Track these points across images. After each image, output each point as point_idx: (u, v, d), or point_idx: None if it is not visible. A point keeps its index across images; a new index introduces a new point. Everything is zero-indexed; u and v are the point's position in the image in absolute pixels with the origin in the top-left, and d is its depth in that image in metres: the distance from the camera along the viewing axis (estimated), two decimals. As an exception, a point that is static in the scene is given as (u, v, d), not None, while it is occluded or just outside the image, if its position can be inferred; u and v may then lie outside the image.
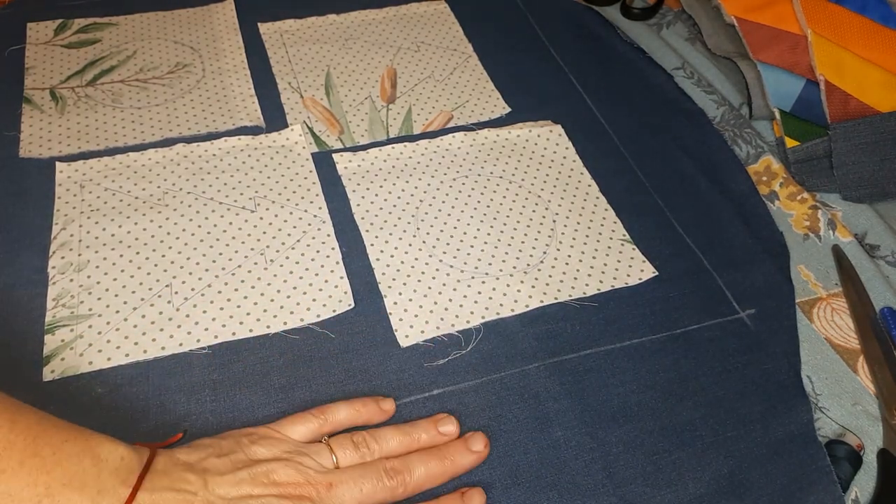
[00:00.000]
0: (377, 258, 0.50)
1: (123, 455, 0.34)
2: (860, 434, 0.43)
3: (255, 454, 0.37)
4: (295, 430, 0.39)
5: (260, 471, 0.36)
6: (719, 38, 0.67)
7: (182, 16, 0.69)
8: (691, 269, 0.51)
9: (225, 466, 0.36)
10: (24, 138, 0.56)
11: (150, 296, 0.47)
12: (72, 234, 0.50)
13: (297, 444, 0.39)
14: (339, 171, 0.56)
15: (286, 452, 0.38)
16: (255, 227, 0.51)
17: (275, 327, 0.46)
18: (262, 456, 0.37)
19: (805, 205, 0.56)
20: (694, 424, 0.43)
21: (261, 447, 0.38)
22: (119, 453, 0.34)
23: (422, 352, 0.46)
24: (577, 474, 0.41)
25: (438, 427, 0.41)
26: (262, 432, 0.39)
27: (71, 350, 0.44)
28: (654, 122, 0.62)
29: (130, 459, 0.34)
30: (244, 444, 0.37)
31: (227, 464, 0.36)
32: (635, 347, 0.47)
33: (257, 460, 0.37)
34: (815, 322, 0.49)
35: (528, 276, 0.50)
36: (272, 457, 0.37)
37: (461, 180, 0.56)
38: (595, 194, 0.56)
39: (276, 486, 0.36)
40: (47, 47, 0.64)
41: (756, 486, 0.41)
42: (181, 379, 0.43)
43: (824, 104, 0.59)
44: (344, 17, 0.70)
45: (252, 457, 0.37)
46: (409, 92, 0.63)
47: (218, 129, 0.58)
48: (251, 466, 0.36)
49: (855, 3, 0.63)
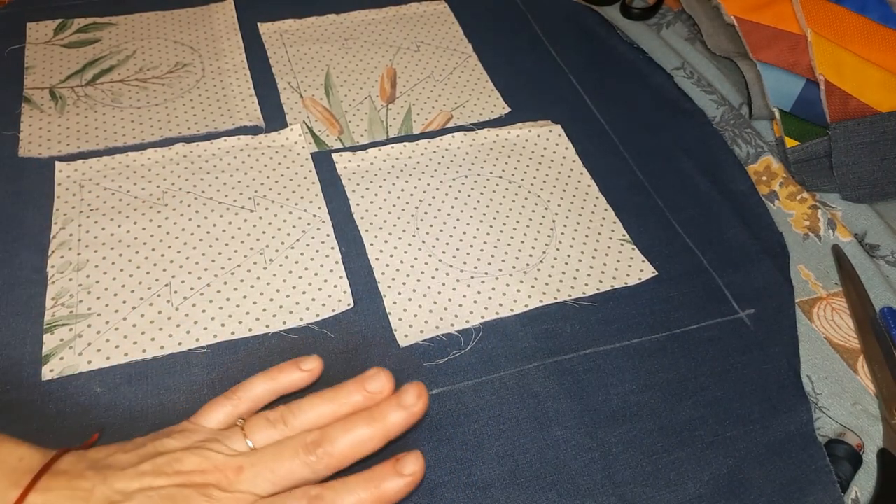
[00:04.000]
0: (376, 258, 0.50)
1: (23, 455, 0.33)
2: (860, 434, 0.43)
3: (164, 446, 0.35)
4: (210, 418, 0.37)
5: (162, 461, 0.34)
6: (719, 38, 0.67)
7: (182, 16, 0.69)
8: (691, 269, 0.51)
9: (128, 461, 0.34)
10: (23, 138, 0.56)
11: (150, 295, 0.47)
12: (71, 233, 0.50)
13: (211, 432, 0.36)
14: (339, 170, 0.56)
15: (196, 442, 0.35)
16: (255, 226, 0.51)
17: (274, 327, 0.46)
18: (169, 447, 0.35)
19: (805, 204, 0.56)
20: (693, 424, 0.43)
21: (172, 439, 0.35)
22: (18, 454, 0.33)
23: (421, 351, 0.46)
24: (576, 474, 0.41)
25: (366, 386, 0.36)
26: (179, 426, 0.37)
27: (70, 349, 0.44)
28: (654, 122, 0.62)
29: (31, 460, 0.33)
30: (157, 439, 0.36)
31: (133, 458, 0.34)
32: (635, 347, 0.47)
33: (163, 452, 0.35)
34: (815, 322, 0.49)
35: (527, 276, 0.50)
36: (180, 447, 0.35)
37: (461, 180, 0.56)
38: (595, 194, 0.56)
39: (180, 475, 0.34)
40: (47, 47, 0.64)
41: (756, 485, 0.41)
42: (180, 378, 0.43)
43: (824, 104, 0.59)
44: (344, 16, 0.70)
45: (160, 449, 0.35)
46: (408, 92, 0.63)
47: (217, 128, 0.58)
48: (156, 458, 0.34)
49: (855, 3, 0.63)
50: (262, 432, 0.36)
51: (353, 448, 0.35)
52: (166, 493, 0.33)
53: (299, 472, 0.34)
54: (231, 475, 0.34)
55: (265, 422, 0.36)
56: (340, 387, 0.37)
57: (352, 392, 0.37)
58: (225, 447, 0.35)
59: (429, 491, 0.39)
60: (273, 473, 0.34)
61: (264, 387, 0.38)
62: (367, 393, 0.37)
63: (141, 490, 0.33)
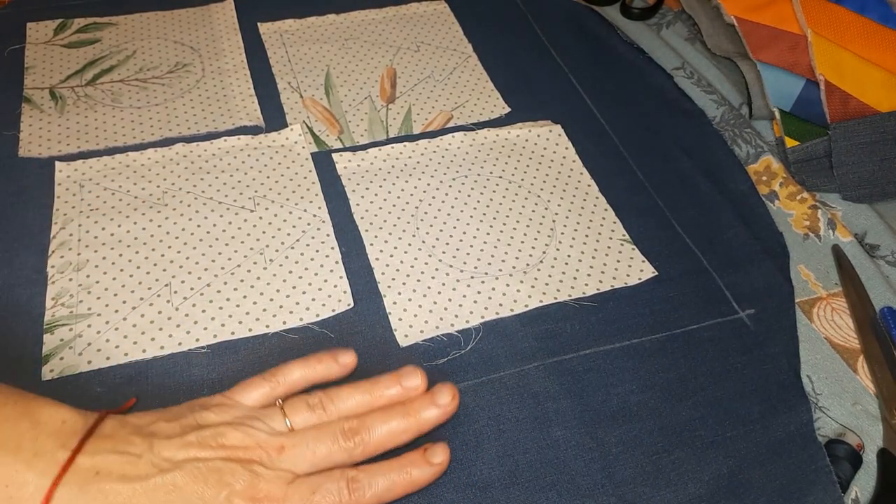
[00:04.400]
0: (376, 258, 0.50)
1: (66, 418, 0.34)
2: (860, 434, 0.43)
3: (204, 419, 0.36)
4: (247, 396, 0.38)
5: (207, 434, 0.35)
6: (719, 38, 0.67)
7: (182, 16, 0.69)
8: (691, 269, 0.51)
9: (173, 430, 0.35)
10: (23, 138, 0.56)
11: (150, 295, 0.47)
12: (71, 233, 0.50)
13: (250, 409, 0.38)
14: (339, 170, 0.56)
15: (237, 417, 0.37)
16: (255, 226, 0.51)
17: (274, 327, 0.46)
18: (211, 421, 0.36)
19: (805, 204, 0.56)
20: (693, 424, 0.43)
21: (211, 413, 0.37)
22: (61, 416, 0.34)
23: (421, 351, 0.46)
24: (576, 474, 0.41)
25: (402, 382, 0.39)
26: (216, 400, 0.38)
27: (70, 349, 0.44)
28: (654, 122, 0.62)
29: (74, 423, 0.34)
30: (195, 410, 0.37)
31: (176, 427, 0.36)
32: (635, 347, 0.47)
33: (206, 424, 0.36)
34: (815, 322, 0.49)
35: (527, 276, 0.50)
36: (222, 421, 0.36)
37: (461, 180, 0.56)
38: (595, 194, 0.56)
39: (224, 448, 0.35)
40: (47, 47, 0.64)
41: (755, 485, 0.41)
42: (180, 378, 0.43)
43: (824, 104, 0.59)
44: (344, 16, 0.70)
45: (201, 422, 0.36)
46: (408, 92, 0.63)
47: (217, 128, 0.58)
48: (200, 430, 0.36)
49: (855, 3, 0.63)
50: (300, 414, 0.37)
51: (388, 438, 0.37)
52: (213, 466, 0.34)
53: (337, 455, 0.36)
54: (273, 453, 0.35)
55: (305, 405, 0.38)
56: (377, 379, 0.39)
57: (389, 385, 0.39)
58: (265, 426, 0.37)
59: (428, 491, 0.39)
60: (313, 454, 0.36)
61: (301, 373, 0.40)
62: (403, 388, 0.39)
63: (187, 460, 0.34)
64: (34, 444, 0.32)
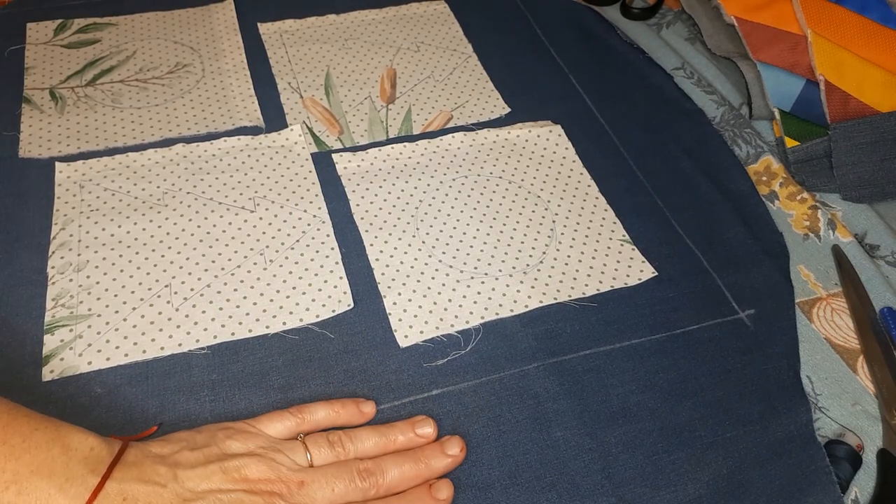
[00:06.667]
0: (376, 258, 0.50)
1: (94, 445, 0.35)
2: (860, 434, 0.43)
3: (228, 448, 0.37)
4: (272, 427, 0.39)
5: (231, 465, 0.36)
6: (719, 38, 0.67)
7: (182, 16, 0.69)
8: (691, 269, 0.51)
9: (196, 460, 0.36)
10: (23, 138, 0.56)
11: (150, 296, 0.47)
12: (71, 234, 0.50)
13: (273, 441, 0.39)
14: (339, 171, 0.56)
15: (260, 448, 0.38)
16: (255, 227, 0.51)
17: (274, 327, 0.46)
18: (235, 450, 0.37)
19: (805, 205, 0.56)
20: (693, 425, 0.43)
21: (235, 441, 0.37)
22: (89, 443, 0.34)
23: (421, 352, 0.46)
24: (576, 475, 0.41)
25: (416, 429, 0.41)
26: (239, 427, 0.39)
27: (70, 350, 0.44)
28: (654, 122, 0.62)
29: (101, 450, 0.35)
30: (219, 439, 0.37)
31: (199, 457, 0.36)
32: (635, 348, 0.47)
33: (230, 455, 0.37)
34: (815, 322, 0.49)
35: (527, 277, 0.50)
36: (245, 452, 0.37)
37: (461, 180, 0.56)
38: (595, 194, 0.56)
39: (247, 481, 0.36)
40: (47, 47, 0.64)
41: (755, 486, 0.41)
42: (180, 379, 0.43)
43: (824, 104, 0.59)
44: (344, 17, 0.70)
45: (225, 451, 0.37)
46: (408, 92, 0.63)
47: (217, 129, 0.58)
48: (223, 461, 0.36)
49: (855, 3, 0.63)
50: (321, 451, 0.39)
51: (399, 482, 0.39)
52: (235, 498, 0.35)
53: (352, 494, 0.38)
54: (294, 487, 0.36)
55: (326, 442, 0.39)
56: (392, 425, 0.41)
57: (403, 431, 0.41)
58: (288, 459, 0.38)
59: (429, 491, 0.39)
60: (332, 492, 0.37)
61: (325, 414, 0.41)
62: (415, 435, 0.41)
63: (210, 491, 0.35)
64: (66, 469, 0.33)
